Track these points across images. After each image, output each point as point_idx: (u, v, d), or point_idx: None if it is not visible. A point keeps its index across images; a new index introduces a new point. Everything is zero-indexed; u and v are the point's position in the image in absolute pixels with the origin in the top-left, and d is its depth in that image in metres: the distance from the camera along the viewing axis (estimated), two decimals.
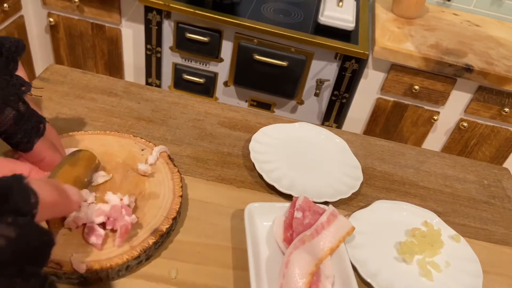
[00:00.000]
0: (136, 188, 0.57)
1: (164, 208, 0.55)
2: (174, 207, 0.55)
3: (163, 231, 0.52)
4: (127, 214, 0.51)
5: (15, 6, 1.59)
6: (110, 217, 0.50)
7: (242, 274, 0.53)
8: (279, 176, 0.66)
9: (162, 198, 0.56)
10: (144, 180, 0.58)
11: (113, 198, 0.52)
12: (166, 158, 0.62)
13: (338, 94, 1.55)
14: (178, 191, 0.57)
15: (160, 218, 0.54)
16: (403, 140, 1.67)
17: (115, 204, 0.51)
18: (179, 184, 0.58)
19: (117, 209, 0.50)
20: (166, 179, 0.59)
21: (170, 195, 0.57)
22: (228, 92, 1.66)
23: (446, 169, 0.78)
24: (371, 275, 0.55)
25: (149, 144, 0.64)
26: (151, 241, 0.51)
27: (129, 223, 0.50)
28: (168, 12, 1.50)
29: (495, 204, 0.73)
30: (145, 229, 0.52)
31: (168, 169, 0.60)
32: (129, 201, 0.53)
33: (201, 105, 0.79)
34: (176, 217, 0.55)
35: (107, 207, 0.51)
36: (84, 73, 0.80)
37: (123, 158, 0.61)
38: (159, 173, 0.60)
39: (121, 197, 0.53)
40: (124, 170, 0.59)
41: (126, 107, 0.75)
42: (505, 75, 1.42)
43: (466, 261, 0.60)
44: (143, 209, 0.55)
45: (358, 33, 1.51)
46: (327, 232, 0.55)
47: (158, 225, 0.53)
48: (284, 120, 0.80)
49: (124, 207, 0.51)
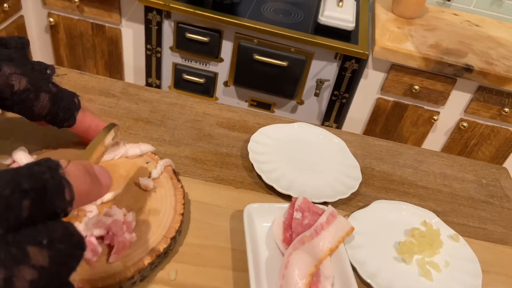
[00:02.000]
0: (137, 203, 0.55)
1: (163, 226, 0.52)
2: (174, 225, 0.53)
3: (160, 252, 0.50)
4: (128, 231, 0.48)
5: (15, 6, 1.59)
6: (110, 231, 0.48)
7: (241, 275, 0.53)
8: (278, 177, 0.66)
9: (162, 216, 0.54)
10: (146, 195, 0.56)
11: (117, 212, 0.50)
12: (170, 172, 0.59)
13: (338, 94, 1.55)
14: (179, 209, 0.55)
15: (158, 237, 0.51)
16: (403, 140, 1.67)
17: (117, 219, 0.49)
18: (181, 201, 0.56)
19: (118, 224, 0.48)
20: (169, 195, 0.56)
21: (171, 213, 0.54)
22: (228, 92, 1.66)
23: (445, 169, 0.78)
24: (370, 275, 0.55)
25: (155, 157, 0.61)
26: (147, 261, 0.48)
27: (128, 240, 0.48)
28: (168, 12, 1.50)
29: (493, 203, 0.73)
30: (142, 248, 0.49)
31: (172, 185, 0.58)
32: (132, 218, 0.51)
33: (199, 105, 0.79)
34: (176, 236, 0.52)
35: (109, 220, 0.48)
36: (81, 74, 0.80)
37: (126, 170, 0.58)
38: (162, 188, 0.57)
39: (125, 213, 0.50)
40: (126, 183, 0.57)
41: (124, 108, 0.75)
42: (505, 75, 1.42)
43: (465, 260, 0.60)
44: (142, 226, 0.52)
45: (358, 33, 1.51)
46: (326, 233, 0.55)
47: (155, 244, 0.50)
48: (283, 121, 0.80)
49: (126, 223, 0.49)
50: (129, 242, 0.48)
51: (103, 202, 0.53)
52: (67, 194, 0.29)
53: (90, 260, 0.46)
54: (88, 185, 0.33)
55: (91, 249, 0.46)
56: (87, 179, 0.33)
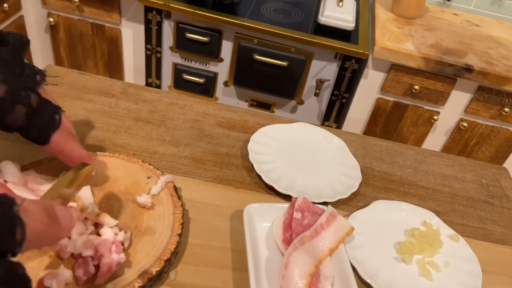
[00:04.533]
0: (133, 220, 0.53)
1: (158, 247, 0.50)
2: (169, 247, 0.50)
3: (152, 274, 0.47)
4: (117, 252, 0.46)
5: (15, 6, 1.59)
6: (98, 251, 0.46)
7: (241, 276, 0.53)
8: (278, 177, 0.66)
9: (158, 235, 0.51)
10: (143, 213, 0.54)
11: (107, 231, 0.48)
12: (171, 189, 0.57)
13: (338, 94, 1.55)
14: (177, 229, 0.52)
15: (152, 258, 0.49)
16: (403, 140, 1.67)
17: (106, 239, 0.47)
18: (179, 221, 0.53)
19: (106, 244, 0.46)
20: (167, 214, 0.54)
21: (168, 233, 0.52)
22: (228, 92, 1.65)
23: (445, 169, 0.78)
24: (370, 275, 0.55)
25: (156, 172, 0.59)
26: (138, 284, 0.46)
27: (115, 262, 0.45)
28: (168, 12, 1.50)
29: (493, 203, 0.73)
30: (134, 270, 0.47)
31: (171, 202, 0.56)
32: (123, 238, 0.48)
33: (199, 105, 0.79)
34: (171, 258, 0.50)
35: (98, 240, 0.46)
36: (81, 74, 0.80)
37: (126, 185, 0.57)
38: (161, 205, 0.55)
39: (116, 232, 0.48)
40: (124, 199, 0.55)
41: (124, 108, 0.75)
42: (505, 75, 1.42)
43: (465, 260, 0.60)
44: (136, 245, 0.50)
45: (358, 33, 1.51)
46: (326, 233, 0.55)
47: (148, 266, 0.48)
48: (283, 121, 0.80)
49: (116, 243, 0.47)
50: (117, 263, 0.46)
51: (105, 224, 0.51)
52: (18, 234, 0.28)
53: (80, 279, 0.45)
54: (45, 226, 0.31)
55: (85, 270, 0.45)
56: (44, 219, 0.31)
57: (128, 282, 0.46)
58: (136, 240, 0.51)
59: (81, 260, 0.45)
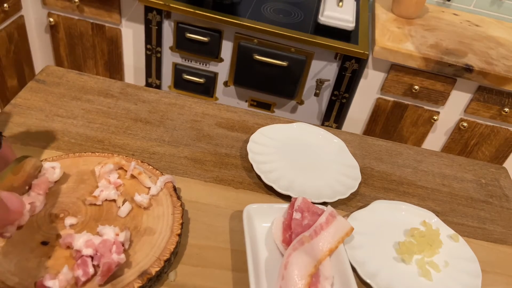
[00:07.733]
0: (132, 221, 0.53)
1: (158, 247, 0.50)
2: (168, 247, 0.50)
3: (152, 275, 0.47)
4: (117, 252, 0.46)
5: (15, 6, 1.59)
6: (98, 251, 0.46)
7: (241, 276, 0.53)
8: (278, 177, 0.66)
9: (157, 235, 0.51)
10: (142, 213, 0.54)
11: (108, 231, 0.48)
12: (170, 189, 0.57)
13: (338, 94, 1.55)
14: (176, 229, 0.52)
15: (151, 258, 0.49)
16: (403, 140, 1.67)
17: (106, 239, 0.47)
18: (179, 221, 0.53)
19: (107, 244, 0.46)
20: (166, 214, 0.54)
21: (167, 233, 0.52)
22: (228, 92, 1.65)
23: (444, 169, 0.78)
24: (370, 275, 0.55)
25: (156, 172, 0.59)
26: (137, 285, 0.46)
27: (115, 262, 0.45)
28: (168, 12, 1.50)
29: (493, 203, 0.73)
30: (133, 270, 0.47)
31: (171, 202, 0.56)
32: (124, 238, 0.48)
33: (198, 106, 0.79)
34: (170, 258, 0.50)
35: (98, 240, 0.46)
36: (80, 74, 0.80)
37: (126, 185, 0.57)
38: (160, 206, 0.55)
39: (117, 232, 0.48)
40: (124, 199, 0.55)
41: (123, 109, 0.75)
42: (505, 75, 1.41)
43: (464, 260, 0.60)
44: (135, 246, 0.50)
45: (358, 33, 1.51)
46: (326, 233, 0.55)
47: (148, 266, 0.48)
48: (282, 121, 0.79)
49: (117, 243, 0.47)
50: (117, 264, 0.46)
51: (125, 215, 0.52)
52: None
53: (79, 279, 0.45)
54: None
55: (84, 270, 0.45)
56: None
57: (127, 282, 0.46)
58: (135, 240, 0.51)
59: (81, 260, 0.45)
